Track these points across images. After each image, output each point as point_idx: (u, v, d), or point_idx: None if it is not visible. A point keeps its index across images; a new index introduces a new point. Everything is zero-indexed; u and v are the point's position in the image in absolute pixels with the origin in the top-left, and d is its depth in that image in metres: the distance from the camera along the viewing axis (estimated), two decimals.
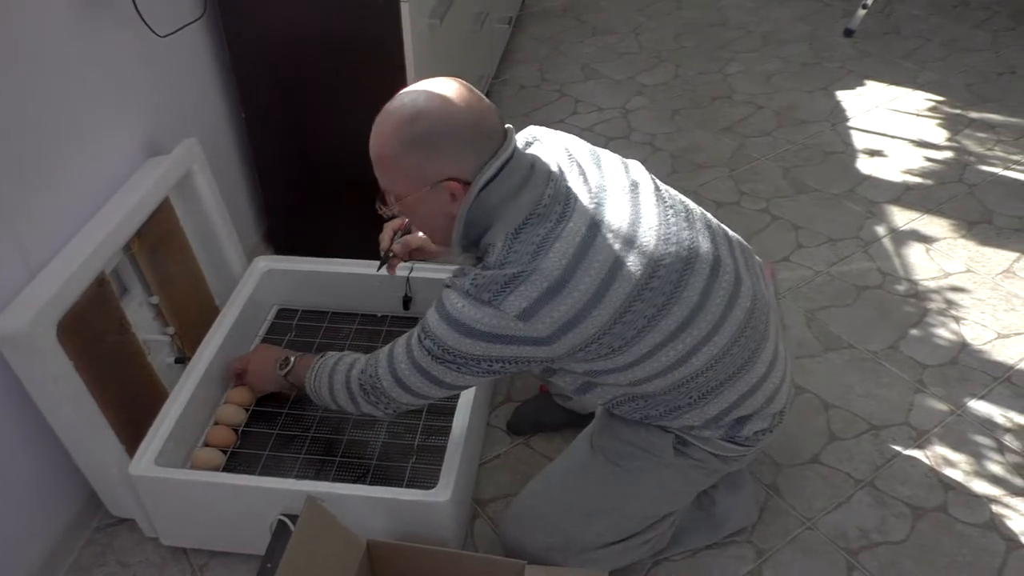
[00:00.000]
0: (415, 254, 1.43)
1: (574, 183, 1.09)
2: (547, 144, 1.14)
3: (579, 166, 1.12)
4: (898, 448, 1.56)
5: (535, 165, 1.09)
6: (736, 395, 1.17)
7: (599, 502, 1.25)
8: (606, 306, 1.03)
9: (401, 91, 1.09)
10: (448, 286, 1.09)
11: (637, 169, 1.17)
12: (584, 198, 1.08)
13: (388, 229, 1.41)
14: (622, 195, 1.10)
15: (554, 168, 1.10)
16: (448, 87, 1.06)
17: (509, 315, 1.02)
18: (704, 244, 1.11)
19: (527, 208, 1.05)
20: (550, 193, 1.06)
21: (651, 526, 1.28)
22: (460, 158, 1.05)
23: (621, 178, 1.13)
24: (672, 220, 1.11)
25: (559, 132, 1.19)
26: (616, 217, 1.07)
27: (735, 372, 1.15)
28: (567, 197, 1.07)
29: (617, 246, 1.05)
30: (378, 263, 1.43)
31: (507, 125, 1.09)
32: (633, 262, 1.05)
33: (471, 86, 1.08)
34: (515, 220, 1.05)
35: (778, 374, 1.20)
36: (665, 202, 1.13)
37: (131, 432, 1.35)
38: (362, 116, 1.75)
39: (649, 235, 1.07)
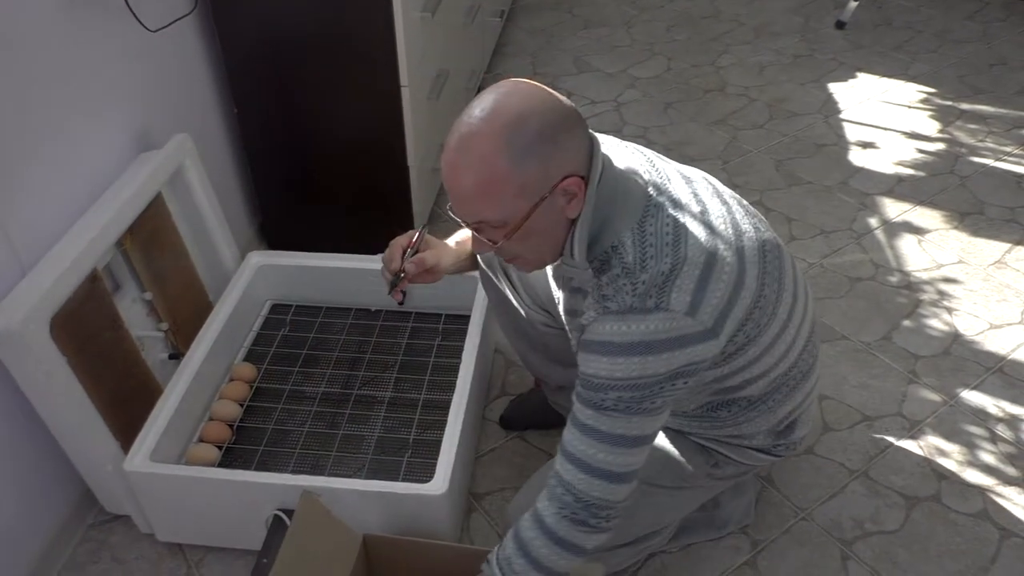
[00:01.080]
0: (425, 276, 1.25)
1: (658, 170, 1.03)
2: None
3: (638, 152, 1.06)
4: (891, 438, 1.56)
5: (613, 153, 1.02)
6: (803, 395, 1.18)
7: None
8: (747, 287, 0.99)
9: (472, 107, 0.94)
10: (587, 324, 0.98)
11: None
12: (677, 183, 1.02)
13: (396, 247, 1.23)
14: (683, 182, 1.04)
15: (627, 153, 1.03)
16: (519, 85, 0.94)
17: (678, 313, 0.94)
18: (769, 230, 1.09)
19: (641, 198, 0.98)
20: (650, 180, 1.00)
21: (659, 531, 1.30)
22: (577, 146, 0.94)
23: (667, 164, 1.08)
24: (736, 206, 1.07)
25: None
26: (709, 202, 1.02)
27: (809, 368, 1.17)
28: (663, 183, 1.01)
29: (730, 230, 1.00)
30: (388, 287, 1.23)
31: None
32: (748, 245, 1.01)
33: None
34: (635, 213, 0.97)
35: (817, 371, 1.23)
36: (716, 188, 1.09)
37: (125, 428, 1.35)
38: (354, 110, 1.76)
39: (742, 220, 1.04)
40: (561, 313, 1.15)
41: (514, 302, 1.35)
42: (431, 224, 2.05)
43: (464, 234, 1.31)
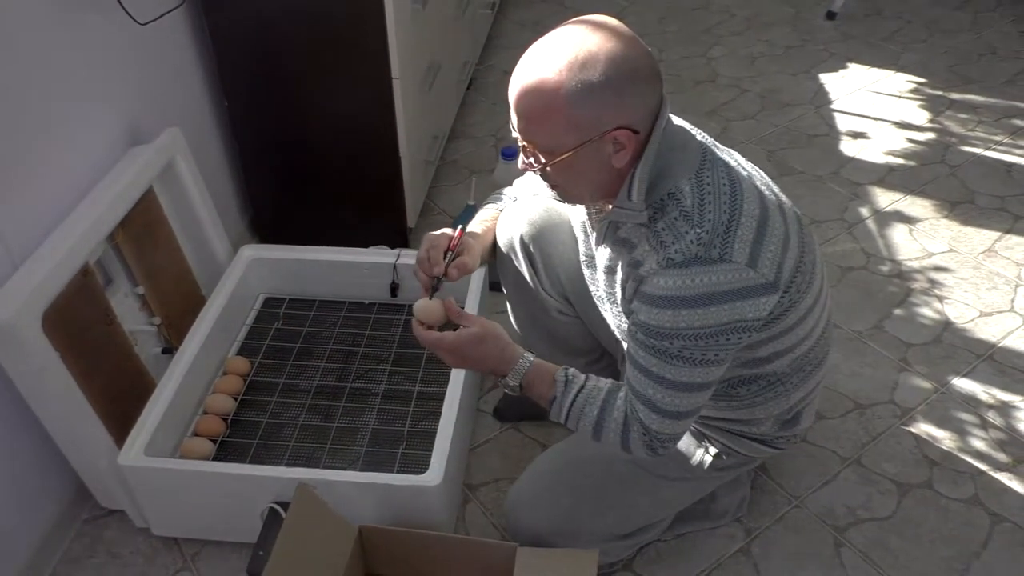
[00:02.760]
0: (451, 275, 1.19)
1: (705, 136, 1.07)
2: None
3: (680, 120, 1.09)
4: (883, 426, 1.57)
5: None
6: (815, 382, 1.20)
7: (616, 498, 1.25)
8: (792, 247, 1.02)
9: (557, 30, 0.95)
10: (646, 275, 0.99)
11: None
12: (723, 151, 1.06)
13: (438, 250, 1.17)
14: (727, 152, 1.08)
15: (679, 119, 1.07)
16: (607, 24, 0.95)
17: (740, 264, 0.95)
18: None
19: (698, 153, 1.01)
20: (704, 141, 1.04)
21: (657, 523, 1.31)
22: (638, 102, 0.95)
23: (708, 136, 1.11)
24: (771, 182, 1.10)
25: None
26: (752, 169, 1.07)
27: (824, 355, 1.19)
28: (712, 146, 1.04)
29: (773, 194, 1.05)
30: (426, 290, 1.16)
31: None
32: (788, 210, 1.05)
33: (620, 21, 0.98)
34: (693, 165, 0.99)
35: (828, 362, 1.25)
36: (752, 165, 1.13)
37: (119, 423, 1.35)
38: (345, 102, 1.76)
39: (780, 192, 1.08)
40: (600, 274, 1.13)
41: (532, 284, 1.33)
42: (423, 217, 2.05)
43: (481, 226, 1.31)
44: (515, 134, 1.00)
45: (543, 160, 0.98)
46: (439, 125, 2.16)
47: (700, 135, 1.06)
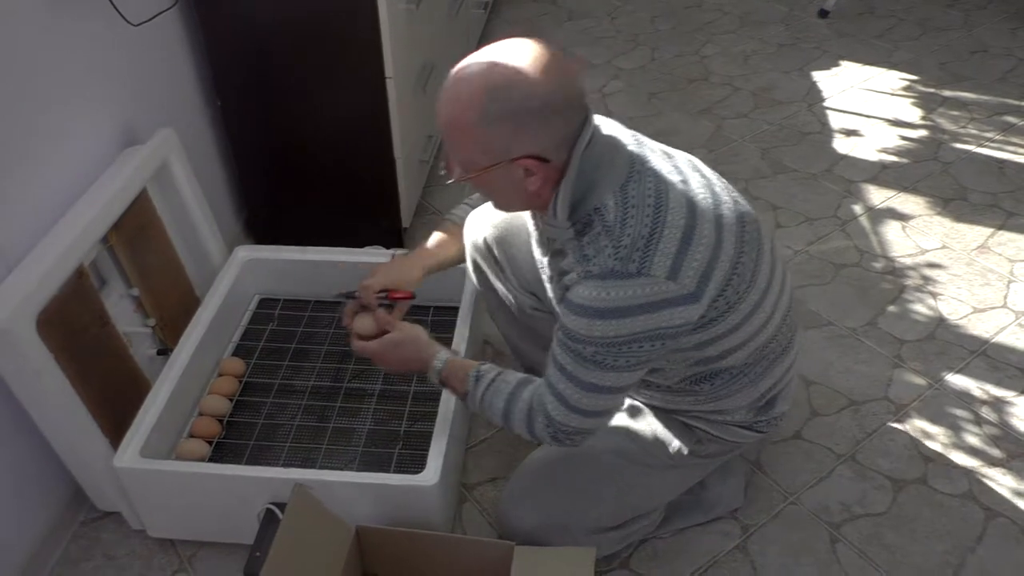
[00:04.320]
0: (399, 294, 1.32)
1: (641, 144, 1.07)
2: None
3: (623, 129, 1.10)
4: (878, 423, 1.58)
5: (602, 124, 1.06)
6: (783, 369, 1.21)
7: (603, 490, 1.26)
8: (725, 251, 1.02)
9: (478, 53, 0.99)
10: (570, 285, 1.03)
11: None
12: (659, 158, 1.06)
13: (367, 291, 1.29)
14: (665, 157, 1.08)
15: (613, 127, 1.07)
16: (531, 51, 0.97)
17: (659, 277, 0.97)
18: (748, 205, 1.12)
19: (625, 166, 1.02)
20: (634, 152, 1.04)
21: (647, 513, 1.31)
22: (548, 133, 0.98)
23: (650, 141, 1.12)
24: (716, 181, 1.10)
25: None
26: (690, 175, 1.06)
27: (788, 343, 1.20)
28: (646, 156, 1.05)
29: (709, 199, 1.04)
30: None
31: None
32: (727, 213, 1.05)
33: (551, 46, 0.99)
34: (618, 178, 1.01)
35: (796, 347, 1.26)
36: (696, 165, 1.12)
37: (115, 425, 1.34)
38: (339, 102, 1.75)
39: (722, 192, 1.07)
40: (546, 282, 1.18)
41: (502, 288, 1.36)
42: (418, 217, 2.05)
43: (433, 240, 1.38)
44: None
45: (458, 171, 1.03)
46: (433, 125, 2.16)
47: (633, 144, 1.06)
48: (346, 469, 1.41)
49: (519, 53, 0.96)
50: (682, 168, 1.07)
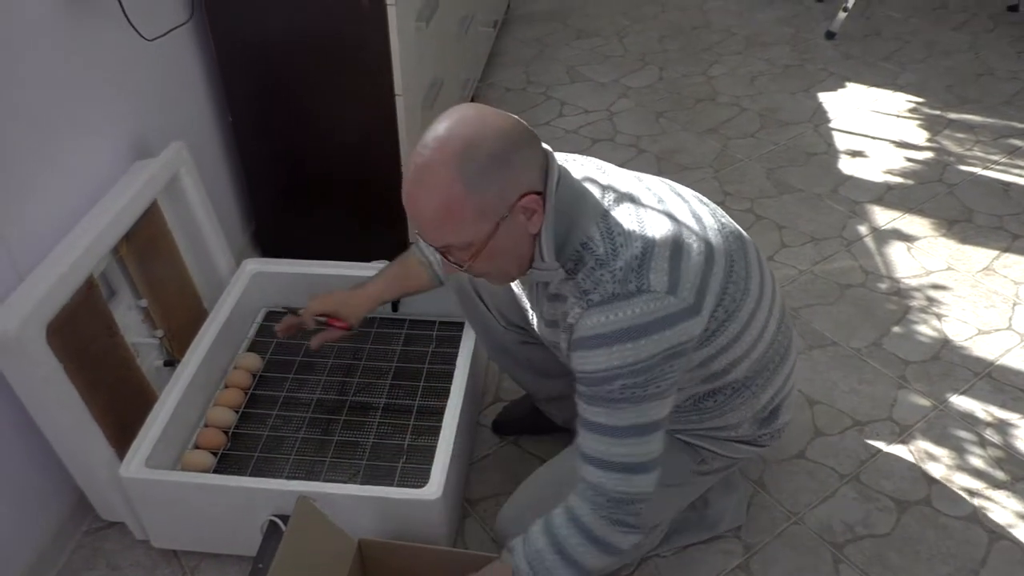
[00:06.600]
0: (333, 324, 1.42)
1: (607, 173, 1.08)
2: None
3: (588, 161, 1.11)
4: (882, 443, 1.58)
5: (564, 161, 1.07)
6: (783, 378, 1.21)
7: None
8: (717, 263, 1.03)
9: (424, 138, 0.96)
10: (573, 322, 1.01)
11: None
12: (630, 183, 1.07)
13: (307, 314, 1.42)
14: (636, 180, 1.09)
15: (577, 163, 1.08)
16: (466, 110, 0.97)
17: (660, 292, 0.97)
18: (728, 219, 1.13)
19: (600, 197, 1.03)
20: (605, 183, 1.05)
21: (650, 530, 1.30)
22: (531, 164, 0.98)
23: (617, 169, 1.13)
24: (693, 199, 1.11)
25: None
26: (665, 195, 1.07)
27: (786, 350, 1.20)
28: (617, 183, 1.05)
29: (688, 216, 1.05)
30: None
31: None
32: (710, 226, 1.06)
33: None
34: (596, 210, 1.01)
35: (793, 354, 1.26)
36: (671, 186, 1.13)
37: (121, 435, 1.35)
38: (348, 118, 1.77)
39: (699, 208, 1.08)
40: (536, 328, 1.18)
41: (488, 320, 1.38)
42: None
43: (384, 274, 1.41)
44: (424, 243, 1.01)
45: (466, 257, 0.99)
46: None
47: (600, 174, 1.07)
48: (350, 482, 1.41)
49: (456, 117, 0.96)
50: (655, 189, 1.08)
